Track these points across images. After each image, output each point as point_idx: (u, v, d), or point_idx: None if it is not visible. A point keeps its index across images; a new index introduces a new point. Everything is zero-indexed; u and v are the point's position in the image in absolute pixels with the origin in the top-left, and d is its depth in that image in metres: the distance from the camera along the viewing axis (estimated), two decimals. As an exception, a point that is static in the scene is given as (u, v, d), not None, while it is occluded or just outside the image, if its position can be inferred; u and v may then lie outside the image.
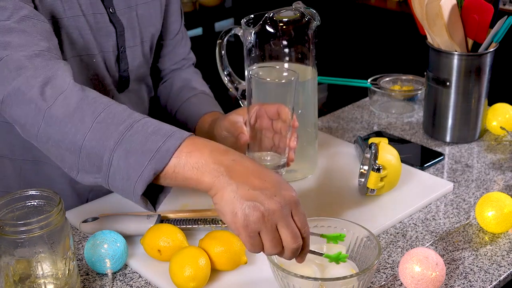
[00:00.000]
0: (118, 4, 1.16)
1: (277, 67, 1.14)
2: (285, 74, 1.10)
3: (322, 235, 0.94)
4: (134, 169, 0.85)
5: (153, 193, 0.92)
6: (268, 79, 1.02)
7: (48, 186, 1.14)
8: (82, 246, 1.08)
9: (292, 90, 1.02)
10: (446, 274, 1.00)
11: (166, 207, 1.16)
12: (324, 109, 3.04)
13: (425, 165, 1.32)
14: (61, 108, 0.90)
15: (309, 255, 0.90)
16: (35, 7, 1.02)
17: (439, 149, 1.40)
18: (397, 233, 1.11)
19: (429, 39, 1.39)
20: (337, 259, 0.93)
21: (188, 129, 1.23)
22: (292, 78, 1.01)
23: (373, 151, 1.15)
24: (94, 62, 1.14)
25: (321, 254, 0.92)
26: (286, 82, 1.03)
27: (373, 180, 1.14)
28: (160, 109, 1.36)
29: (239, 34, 1.21)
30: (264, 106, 1.05)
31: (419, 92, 1.58)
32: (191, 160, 0.85)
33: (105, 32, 1.15)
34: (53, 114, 0.89)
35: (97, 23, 1.13)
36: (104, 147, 0.87)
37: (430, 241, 1.09)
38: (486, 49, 1.34)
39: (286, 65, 1.20)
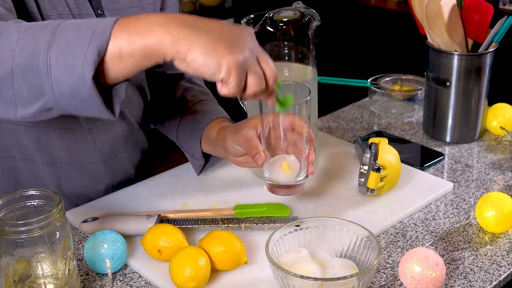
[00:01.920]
0: (107, 6, 1.13)
1: (290, 81, 1.13)
2: (297, 88, 1.08)
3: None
4: (76, 56, 0.78)
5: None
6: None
7: (38, 187, 1.13)
8: (82, 246, 1.08)
9: (307, 108, 1.02)
10: (446, 274, 1.00)
11: (166, 207, 1.16)
12: (324, 109, 3.04)
13: (425, 165, 1.32)
14: None
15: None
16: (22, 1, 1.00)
17: (439, 149, 1.40)
18: (397, 233, 1.11)
19: (429, 39, 1.39)
20: (285, 102, 0.93)
21: (194, 139, 1.21)
22: (307, 98, 1.01)
23: (373, 151, 1.15)
24: None
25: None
26: (299, 104, 1.02)
27: (373, 180, 1.14)
28: (157, 115, 1.34)
29: (239, 34, 1.20)
30: (278, 118, 1.03)
31: (419, 92, 1.58)
32: (145, 23, 0.78)
33: None
34: None
35: None
36: (37, 54, 0.79)
37: (430, 241, 1.09)
38: (486, 49, 1.34)
39: (285, 62, 1.20)
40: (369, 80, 1.60)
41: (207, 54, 0.78)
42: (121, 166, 1.26)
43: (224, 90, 0.82)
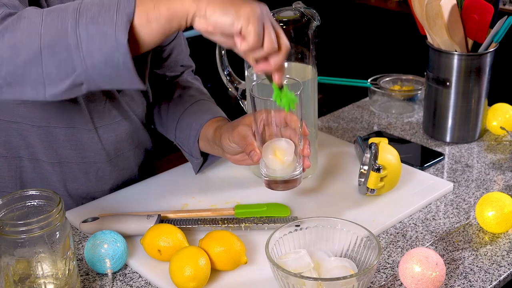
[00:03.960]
0: None
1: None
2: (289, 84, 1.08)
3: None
4: (107, 24, 0.81)
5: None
6: (272, 98, 1.01)
7: (44, 187, 1.14)
8: (82, 246, 1.08)
9: (299, 102, 1.01)
10: (446, 274, 1.00)
11: (166, 207, 1.16)
12: (324, 109, 3.05)
13: (425, 165, 1.32)
14: (8, 25, 0.84)
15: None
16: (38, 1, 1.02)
17: (439, 149, 1.40)
18: (397, 233, 1.11)
19: (429, 39, 1.39)
20: (289, 98, 0.94)
21: (192, 138, 1.22)
22: (298, 92, 1.01)
23: (373, 151, 1.15)
24: None
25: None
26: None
27: (373, 180, 1.14)
28: (156, 115, 1.34)
29: (239, 34, 1.20)
30: (271, 114, 1.03)
31: (419, 92, 1.58)
32: None
33: None
34: (1, 34, 0.84)
35: None
36: (65, 29, 0.82)
37: (430, 241, 1.09)
38: (486, 49, 1.34)
39: (285, 65, 1.20)
40: (369, 80, 1.60)
41: (225, 6, 0.83)
42: (126, 165, 1.27)
43: (243, 44, 0.85)
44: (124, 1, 0.83)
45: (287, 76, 1.08)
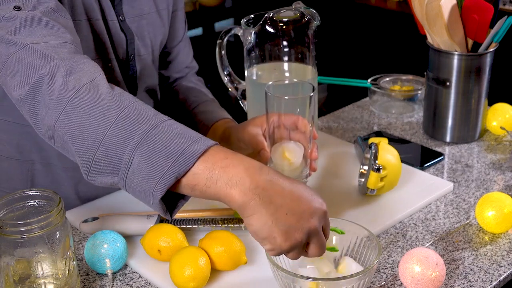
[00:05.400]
0: (128, 13, 1.16)
1: (295, 80, 1.14)
2: (300, 87, 1.09)
3: None
4: (156, 170, 0.81)
5: (170, 198, 0.88)
6: (286, 97, 1.01)
7: (54, 189, 1.14)
8: (82, 246, 1.08)
9: (310, 104, 1.02)
10: (446, 274, 1.00)
11: (166, 207, 1.16)
12: (324, 109, 3.04)
13: (425, 165, 1.32)
14: (83, 100, 0.85)
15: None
16: (61, 1, 1.02)
17: (439, 149, 1.40)
18: (397, 233, 1.11)
19: (429, 39, 1.39)
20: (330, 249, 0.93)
21: None
22: (311, 94, 1.01)
23: (373, 151, 1.15)
24: (109, 66, 1.14)
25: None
26: (303, 98, 1.03)
27: (373, 180, 1.14)
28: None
29: (239, 34, 1.21)
30: (282, 117, 1.04)
31: (419, 92, 1.58)
32: (225, 175, 0.81)
33: (116, 39, 1.15)
34: (75, 105, 0.85)
35: (109, 30, 1.13)
36: (125, 145, 0.82)
37: (430, 241, 1.09)
38: (486, 49, 1.34)
39: (285, 65, 1.20)
40: (369, 80, 1.60)
41: (262, 229, 0.82)
42: None
43: (269, 251, 0.86)
44: (186, 156, 0.81)
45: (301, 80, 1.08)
